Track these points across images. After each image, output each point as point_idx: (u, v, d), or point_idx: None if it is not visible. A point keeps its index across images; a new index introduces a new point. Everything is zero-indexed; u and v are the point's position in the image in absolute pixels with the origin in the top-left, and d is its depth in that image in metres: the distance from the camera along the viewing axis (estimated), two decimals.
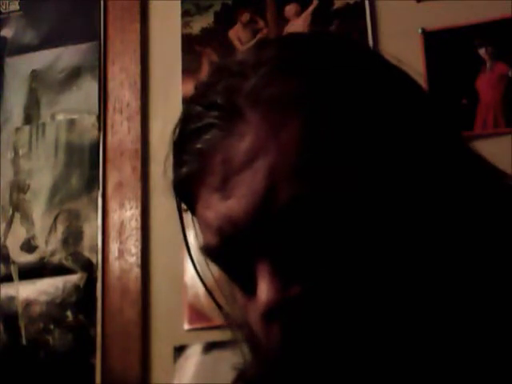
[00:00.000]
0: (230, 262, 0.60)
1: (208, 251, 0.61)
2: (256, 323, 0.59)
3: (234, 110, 0.58)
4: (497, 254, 0.59)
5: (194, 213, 0.63)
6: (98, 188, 1.86)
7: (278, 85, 0.58)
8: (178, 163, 0.62)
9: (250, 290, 0.59)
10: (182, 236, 0.67)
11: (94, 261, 1.82)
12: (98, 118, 1.91)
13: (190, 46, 1.88)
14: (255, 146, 0.57)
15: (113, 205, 1.84)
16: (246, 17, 1.87)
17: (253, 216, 0.56)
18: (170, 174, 0.63)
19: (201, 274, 0.69)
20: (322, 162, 0.56)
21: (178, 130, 0.63)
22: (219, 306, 0.69)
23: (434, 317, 0.57)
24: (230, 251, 0.59)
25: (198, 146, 0.59)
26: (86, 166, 1.89)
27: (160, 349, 1.73)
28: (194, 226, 0.64)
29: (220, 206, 0.58)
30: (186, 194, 0.62)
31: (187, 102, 0.64)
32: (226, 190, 0.58)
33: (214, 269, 0.64)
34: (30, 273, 1.86)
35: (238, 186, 0.57)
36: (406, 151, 0.58)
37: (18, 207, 1.92)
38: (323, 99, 0.58)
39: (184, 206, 0.65)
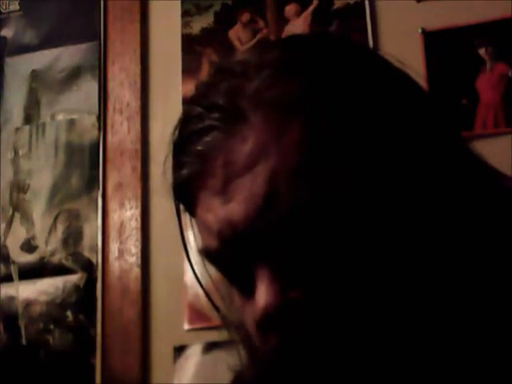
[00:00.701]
0: (230, 265, 0.60)
1: (207, 254, 0.61)
2: (253, 326, 0.59)
3: (236, 112, 0.58)
4: (496, 255, 0.59)
5: (193, 215, 0.63)
6: (98, 188, 1.86)
7: (280, 87, 0.58)
8: (177, 165, 0.61)
9: (248, 294, 0.59)
10: (181, 237, 0.67)
11: (94, 261, 1.82)
12: (98, 118, 1.91)
13: (190, 46, 1.88)
14: (257, 150, 0.56)
15: (113, 205, 1.84)
16: (246, 17, 1.87)
17: (253, 220, 0.56)
18: (170, 176, 0.63)
19: (199, 275, 0.68)
20: (323, 167, 0.56)
21: (177, 131, 0.62)
22: (216, 308, 0.69)
23: (435, 321, 0.57)
24: (229, 254, 0.59)
25: (199, 147, 0.58)
26: (86, 166, 1.89)
27: (160, 349, 1.73)
28: (193, 227, 0.64)
29: (220, 210, 0.58)
30: (186, 196, 0.62)
31: (188, 102, 0.63)
32: (226, 193, 0.57)
33: (212, 270, 0.63)
34: (30, 273, 1.86)
35: (239, 190, 0.57)
36: (408, 155, 0.58)
37: (18, 207, 1.92)
38: (325, 103, 0.57)
39: (182, 208, 0.65)
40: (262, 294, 0.56)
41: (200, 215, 0.61)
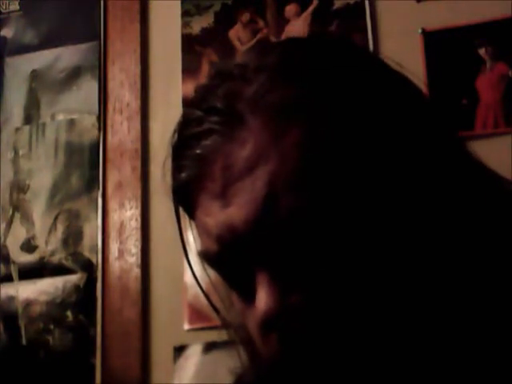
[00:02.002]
0: (229, 268, 0.60)
1: (207, 257, 0.61)
2: (254, 330, 0.59)
3: (234, 115, 0.57)
4: (495, 256, 0.59)
5: (192, 218, 0.63)
6: (98, 188, 1.86)
7: (279, 91, 0.58)
8: (177, 168, 0.61)
9: (248, 297, 0.59)
10: (180, 239, 0.66)
11: (94, 261, 1.82)
12: (98, 118, 1.91)
13: (190, 45, 1.88)
14: (256, 154, 0.56)
15: (113, 205, 1.84)
16: (246, 17, 1.87)
17: (253, 225, 0.56)
18: (169, 179, 0.63)
19: (198, 277, 0.68)
20: (322, 171, 0.56)
21: (177, 135, 0.62)
22: (216, 309, 0.68)
23: (435, 324, 0.57)
24: (229, 258, 0.59)
25: (198, 151, 0.58)
26: (86, 166, 1.89)
27: (160, 349, 1.73)
28: (192, 229, 0.63)
29: (220, 214, 0.58)
30: (185, 199, 0.62)
31: (187, 105, 0.63)
32: (226, 197, 0.57)
33: (211, 272, 0.63)
34: (30, 273, 1.86)
35: (239, 194, 0.57)
36: (406, 157, 0.58)
37: (18, 207, 1.92)
38: (324, 106, 0.57)
39: (182, 211, 0.65)
40: (263, 299, 0.56)
41: (199, 218, 0.60)
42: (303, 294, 0.56)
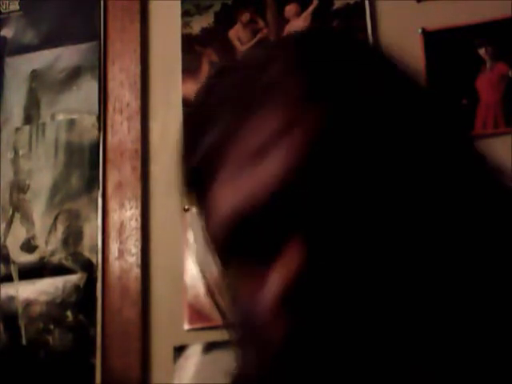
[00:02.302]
0: (257, 232, 0.59)
1: (233, 222, 0.58)
2: (267, 307, 0.58)
3: (252, 98, 0.58)
4: (495, 255, 0.59)
5: (205, 197, 0.61)
6: (98, 188, 1.86)
7: (292, 81, 0.58)
8: (199, 134, 0.60)
9: (267, 267, 0.57)
10: (182, 236, 0.66)
11: (94, 261, 1.82)
12: (98, 118, 1.91)
13: (190, 46, 1.88)
14: (284, 122, 0.56)
15: (113, 205, 1.84)
16: (246, 17, 1.87)
17: (289, 182, 0.55)
18: (180, 162, 0.62)
19: (203, 272, 0.68)
20: (326, 165, 0.56)
21: (194, 108, 0.62)
22: (218, 307, 0.68)
23: (435, 321, 0.57)
24: (260, 220, 0.57)
25: (227, 113, 0.58)
26: (86, 166, 1.89)
27: (160, 349, 1.73)
28: (193, 227, 0.63)
29: (255, 172, 0.57)
30: (208, 167, 0.60)
31: (204, 87, 0.63)
32: (260, 156, 0.56)
33: (213, 268, 0.63)
34: (30, 273, 1.86)
35: (272, 154, 0.56)
36: (415, 153, 0.58)
37: (18, 207, 1.93)
38: (336, 96, 0.58)
39: (183, 207, 0.64)
40: (294, 258, 0.55)
41: (220, 190, 0.59)
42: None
